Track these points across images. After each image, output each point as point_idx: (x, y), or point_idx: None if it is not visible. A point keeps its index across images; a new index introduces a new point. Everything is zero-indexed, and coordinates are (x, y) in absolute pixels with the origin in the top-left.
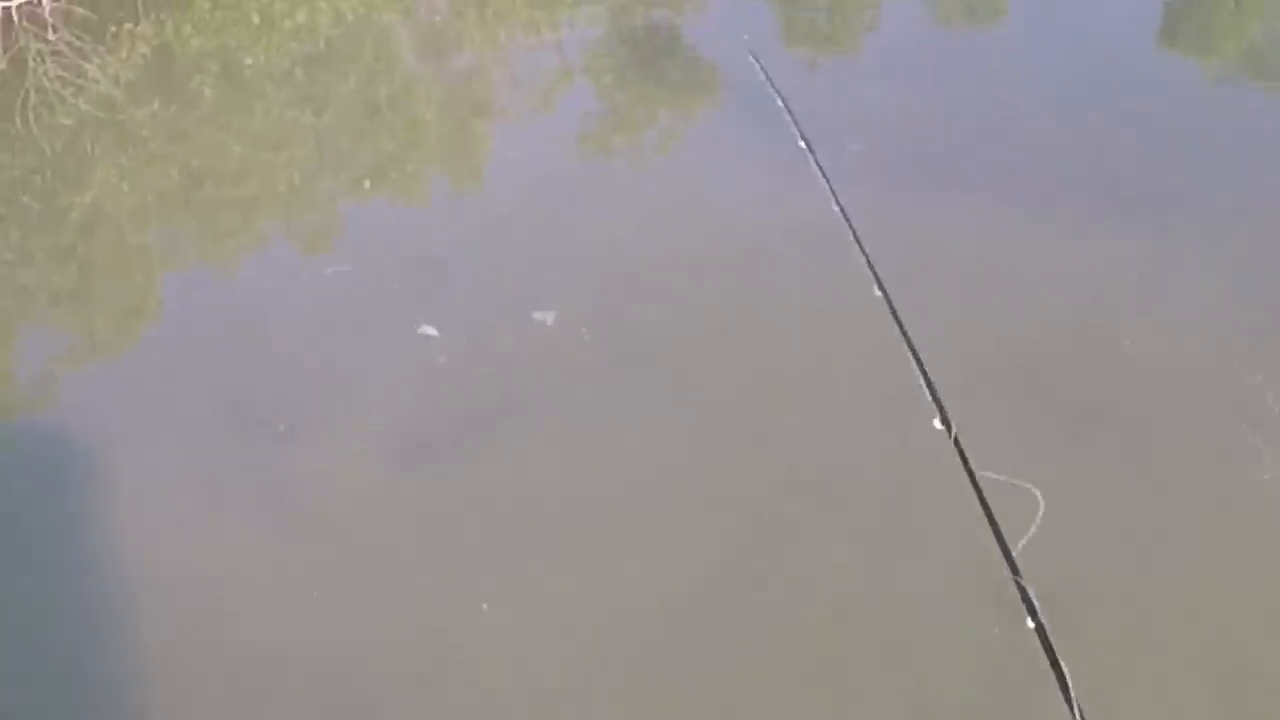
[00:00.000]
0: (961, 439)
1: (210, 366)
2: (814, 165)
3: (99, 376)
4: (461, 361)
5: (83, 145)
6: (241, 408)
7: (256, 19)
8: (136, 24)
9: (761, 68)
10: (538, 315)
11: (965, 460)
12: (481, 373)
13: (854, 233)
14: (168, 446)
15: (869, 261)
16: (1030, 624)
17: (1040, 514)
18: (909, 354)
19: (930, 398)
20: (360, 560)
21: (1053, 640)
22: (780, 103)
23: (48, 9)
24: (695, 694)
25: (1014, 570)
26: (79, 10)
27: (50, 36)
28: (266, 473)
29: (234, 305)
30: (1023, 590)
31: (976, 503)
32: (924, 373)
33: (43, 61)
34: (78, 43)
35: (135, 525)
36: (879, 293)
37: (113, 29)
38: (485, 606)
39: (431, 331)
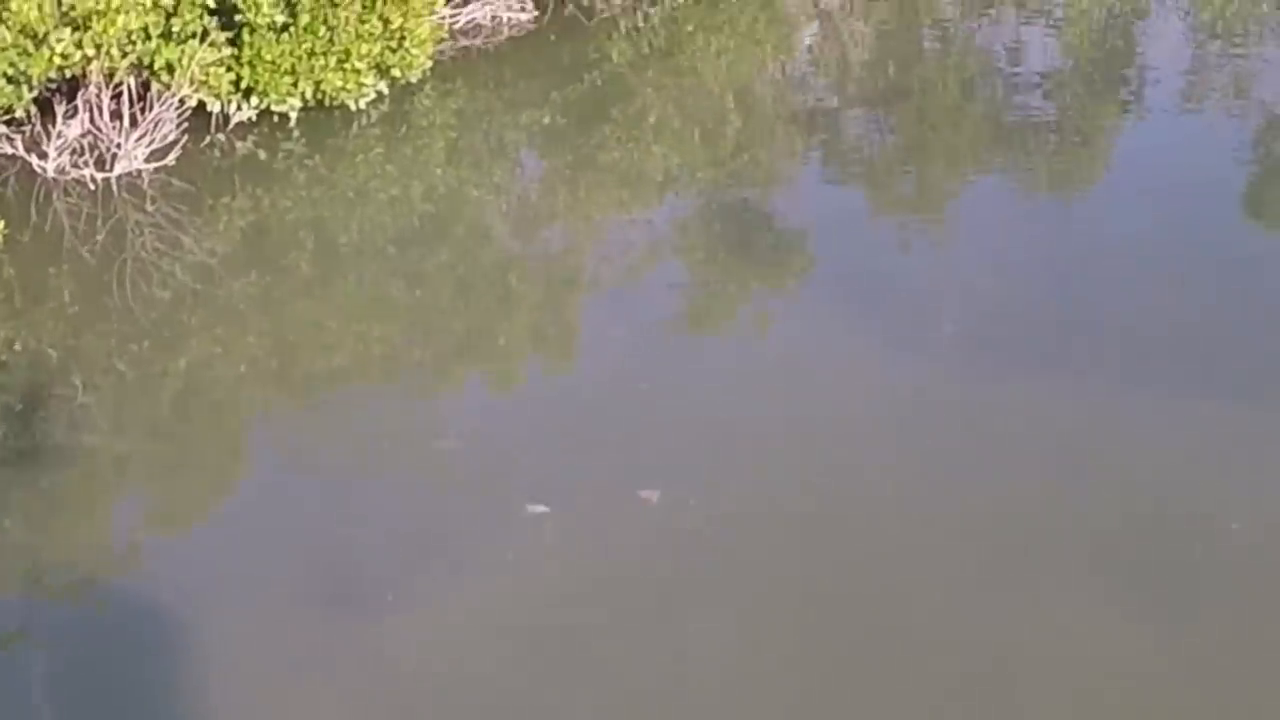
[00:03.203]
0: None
1: (306, 539)
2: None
3: (192, 546)
4: (570, 540)
5: (179, 315)
6: (338, 580)
7: (351, 194)
8: (233, 197)
9: None
10: (643, 494)
11: None
12: (590, 551)
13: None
14: (260, 617)
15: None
16: None
17: None
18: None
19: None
20: None
21: None
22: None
23: (147, 180)
24: None
25: None
26: (177, 182)
27: (149, 208)
28: (359, 646)
29: (329, 478)
30: None
31: None
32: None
33: (141, 232)
34: (175, 214)
35: (224, 697)
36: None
37: (210, 201)
38: None
39: (541, 509)
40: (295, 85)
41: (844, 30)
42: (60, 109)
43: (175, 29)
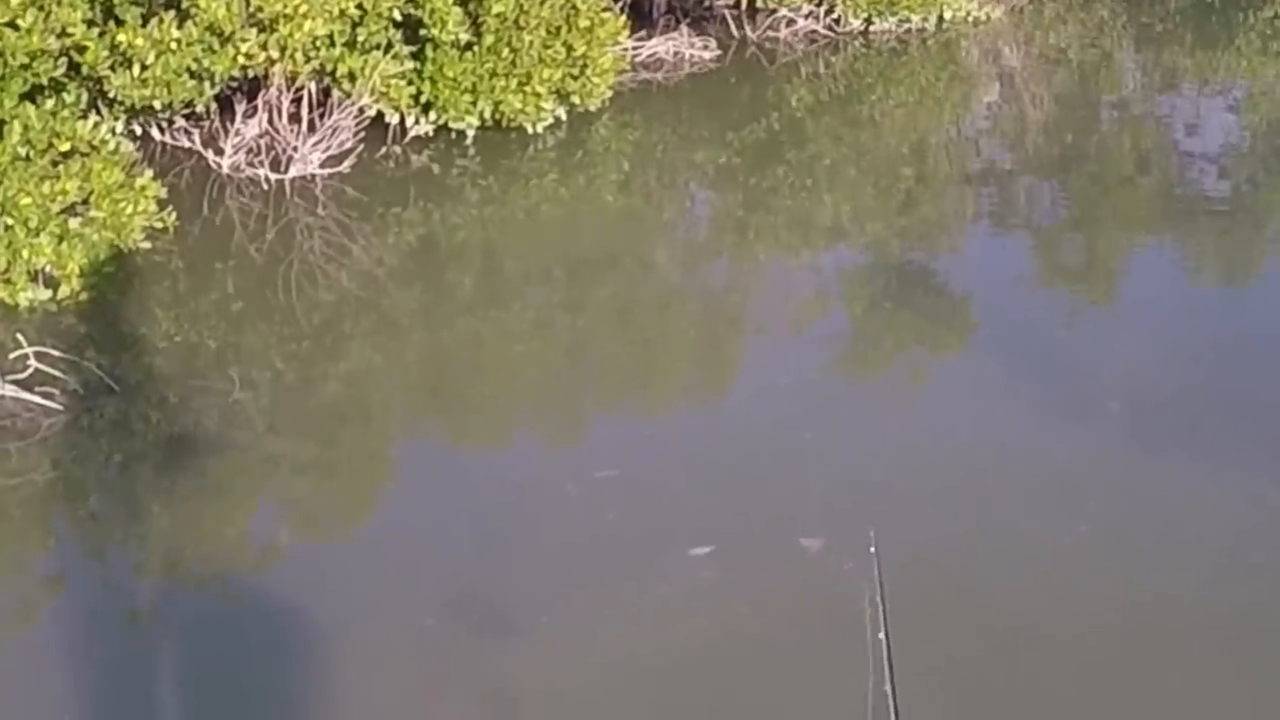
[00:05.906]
0: None
1: (452, 555)
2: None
3: (332, 551)
4: (727, 581)
5: (340, 321)
6: (482, 601)
7: (521, 215)
8: (404, 209)
9: None
10: (805, 542)
11: None
12: (745, 597)
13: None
14: (390, 632)
15: None
16: None
17: None
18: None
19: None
20: None
21: None
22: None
23: (320, 185)
24: None
25: None
26: (349, 190)
27: (319, 212)
28: (499, 672)
29: (475, 496)
30: None
31: None
32: None
33: (310, 235)
34: (345, 221)
35: (346, 708)
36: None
37: (380, 211)
38: None
39: (704, 550)
40: (474, 104)
41: (1024, 93)
42: (240, 108)
43: (360, 38)
